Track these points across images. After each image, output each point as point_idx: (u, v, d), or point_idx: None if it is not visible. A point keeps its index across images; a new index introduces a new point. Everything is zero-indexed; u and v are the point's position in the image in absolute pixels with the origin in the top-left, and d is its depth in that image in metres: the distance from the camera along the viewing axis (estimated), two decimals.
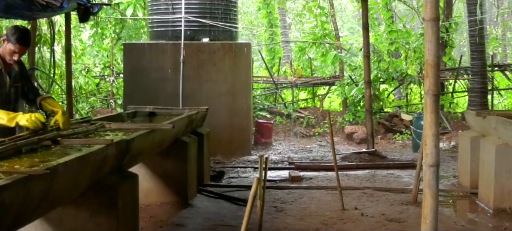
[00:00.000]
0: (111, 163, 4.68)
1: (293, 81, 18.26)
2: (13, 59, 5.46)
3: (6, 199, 2.98)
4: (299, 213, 7.11)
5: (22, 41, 5.42)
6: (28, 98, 5.85)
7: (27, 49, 5.70)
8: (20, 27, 5.55)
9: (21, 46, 5.44)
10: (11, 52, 5.41)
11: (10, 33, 5.40)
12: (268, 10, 22.43)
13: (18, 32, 5.40)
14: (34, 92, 5.91)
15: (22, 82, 5.75)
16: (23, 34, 5.45)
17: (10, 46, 5.39)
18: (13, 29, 5.46)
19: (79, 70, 17.77)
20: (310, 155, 12.52)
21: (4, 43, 5.42)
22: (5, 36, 5.44)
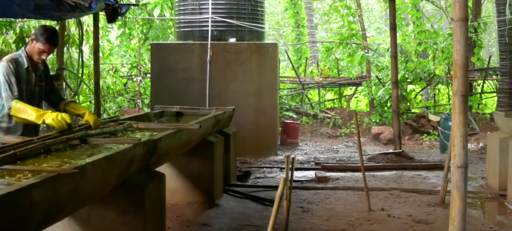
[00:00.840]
0: (138, 162, 4.70)
1: (320, 81, 18.21)
2: (41, 58, 5.55)
3: (36, 197, 3.01)
4: (325, 214, 7.08)
5: (51, 41, 5.50)
6: (50, 100, 5.91)
7: (55, 49, 5.81)
8: (48, 27, 5.64)
9: (50, 45, 5.52)
10: (40, 51, 5.49)
11: (39, 33, 5.48)
12: (295, 10, 22.39)
13: (47, 32, 5.49)
14: (57, 95, 5.99)
15: (45, 82, 5.83)
16: (52, 34, 5.53)
17: (39, 45, 5.46)
18: (42, 29, 5.54)
19: (107, 70, 17.91)
20: (336, 155, 12.49)
21: (32, 42, 5.51)
22: (33, 35, 5.52)
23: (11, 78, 5.39)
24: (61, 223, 4.33)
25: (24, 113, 5.18)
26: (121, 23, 18.33)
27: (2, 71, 5.39)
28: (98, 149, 4.53)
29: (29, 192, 2.95)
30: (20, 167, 3.59)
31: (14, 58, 5.52)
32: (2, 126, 5.50)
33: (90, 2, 7.76)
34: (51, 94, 5.90)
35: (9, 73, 5.39)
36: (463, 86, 3.87)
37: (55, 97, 5.93)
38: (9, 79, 5.38)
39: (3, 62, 5.46)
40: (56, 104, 5.83)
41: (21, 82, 5.49)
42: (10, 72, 5.39)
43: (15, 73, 5.42)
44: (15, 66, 5.45)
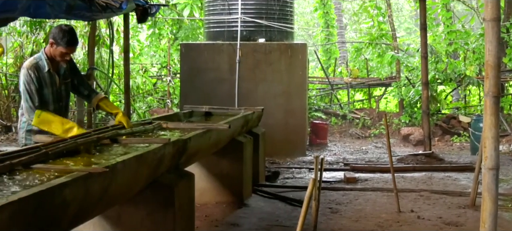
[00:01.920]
0: (168, 162, 4.73)
1: (349, 82, 18.14)
2: (65, 59, 5.51)
3: (67, 196, 3.04)
4: (354, 215, 7.06)
5: (72, 42, 5.43)
6: (81, 93, 5.90)
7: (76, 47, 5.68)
8: (66, 29, 5.45)
9: (72, 47, 5.47)
10: (63, 54, 5.41)
11: (58, 38, 5.36)
12: (325, 11, 22.32)
13: (67, 35, 5.37)
14: (87, 87, 5.95)
15: (71, 77, 5.78)
16: (72, 35, 5.43)
17: (60, 49, 5.37)
18: (60, 32, 5.40)
19: (137, 70, 18.03)
20: (365, 156, 12.43)
21: (52, 46, 5.42)
22: (52, 39, 5.41)
23: (31, 87, 5.32)
24: (91, 222, 4.37)
25: (47, 126, 5.16)
26: (151, 24, 18.44)
27: (23, 80, 5.34)
28: (128, 149, 4.56)
29: (61, 191, 2.98)
30: (52, 166, 3.63)
31: (34, 64, 5.42)
32: (33, 128, 5.44)
33: (121, 3, 7.82)
34: (81, 88, 5.87)
35: (30, 82, 5.32)
36: (495, 87, 3.83)
37: (86, 90, 5.89)
38: (29, 88, 5.32)
39: (23, 70, 5.40)
40: (88, 98, 5.84)
41: (44, 86, 5.43)
42: (31, 81, 5.32)
43: (36, 80, 5.35)
44: (35, 73, 5.37)
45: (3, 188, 3.13)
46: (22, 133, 5.55)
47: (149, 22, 18.08)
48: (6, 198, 2.58)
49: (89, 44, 11.11)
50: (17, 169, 3.50)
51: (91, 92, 5.91)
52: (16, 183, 3.26)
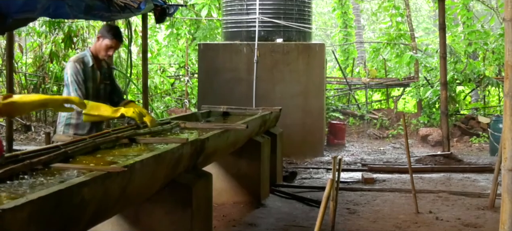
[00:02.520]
0: (186, 161, 4.74)
1: (367, 82, 18.09)
2: (108, 54, 5.85)
3: (86, 195, 3.05)
4: (372, 216, 7.04)
5: (118, 37, 5.84)
6: (112, 100, 6.07)
7: (121, 45, 6.13)
8: (113, 25, 6.09)
9: (117, 41, 5.85)
10: (107, 47, 5.78)
11: (105, 31, 5.83)
12: (343, 11, 22.27)
13: (113, 29, 5.89)
14: (118, 95, 6.21)
15: (109, 82, 6.10)
16: (118, 30, 5.93)
17: (106, 42, 5.76)
18: (107, 26, 6.00)
19: (155, 70, 18.09)
20: (383, 157, 12.39)
21: (98, 40, 5.81)
22: (99, 34, 5.85)
23: (79, 78, 5.66)
24: (110, 221, 4.39)
25: (97, 110, 5.34)
26: (169, 24, 18.50)
27: (70, 72, 5.65)
28: (146, 148, 4.58)
29: (80, 190, 3.00)
30: (71, 165, 3.65)
31: (80, 58, 5.79)
32: (71, 122, 5.76)
33: (139, 3, 7.85)
34: (113, 94, 6.11)
35: (77, 73, 5.66)
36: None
37: (117, 97, 6.14)
38: (77, 79, 5.65)
39: (70, 63, 5.74)
40: (117, 104, 5.97)
41: (87, 80, 5.75)
42: (78, 72, 5.66)
43: (82, 73, 5.69)
44: (82, 65, 5.72)
45: (23, 186, 3.15)
46: (61, 127, 5.83)
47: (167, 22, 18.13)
48: (25, 197, 2.60)
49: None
50: (37, 168, 3.52)
51: (120, 99, 6.14)
52: (35, 182, 3.28)
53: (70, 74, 5.66)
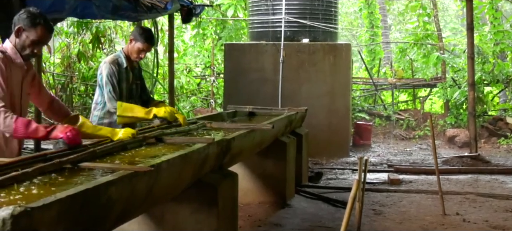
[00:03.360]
0: (212, 161, 4.76)
1: (393, 82, 17.98)
2: (140, 57, 5.95)
3: (113, 194, 3.08)
4: (398, 217, 7.00)
5: (150, 40, 5.93)
6: (142, 99, 6.20)
7: (152, 48, 6.29)
8: (146, 28, 6.13)
9: (149, 44, 5.93)
10: (139, 50, 5.88)
11: (138, 33, 5.89)
12: (370, 11, 22.17)
13: (146, 32, 5.94)
14: (147, 94, 6.34)
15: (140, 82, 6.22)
16: (150, 33, 6.00)
17: (138, 45, 5.85)
18: (140, 29, 6.01)
19: (181, 70, 18.16)
20: (409, 158, 12.32)
21: (131, 42, 5.90)
22: (132, 36, 5.92)
23: (113, 79, 5.77)
24: (136, 220, 4.42)
25: (131, 112, 5.51)
26: (195, 24, 18.57)
27: (105, 73, 5.77)
28: (173, 148, 4.60)
29: (107, 189, 3.02)
30: (99, 164, 3.68)
31: (115, 59, 5.89)
32: (104, 121, 5.87)
33: (166, 3, 7.90)
34: (142, 94, 6.23)
35: (112, 75, 5.77)
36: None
37: (146, 96, 6.27)
38: (112, 80, 5.76)
39: (105, 64, 5.84)
40: (146, 103, 6.11)
41: (121, 81, 5.87)
42: (113, 73, 5.78)
43: (117, 74, 5.81)
44: (116, 67, 5.83)
45: (51, 185, 3.19)
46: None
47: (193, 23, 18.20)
48: (54, 196, 2.63)
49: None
50: (65, 167, 3.56)
51: (150, 99, 6.31)
52: (64, 181, 3.31)
53: (105, 75, 5.77)
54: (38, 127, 3.98)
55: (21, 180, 3.16)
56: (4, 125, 3.98)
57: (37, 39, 4.24)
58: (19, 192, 2.97)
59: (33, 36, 4.21)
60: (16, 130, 3.97)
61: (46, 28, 4.26)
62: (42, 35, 4.25)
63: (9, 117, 3.97)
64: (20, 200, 2.83)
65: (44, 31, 4.25)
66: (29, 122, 4.01)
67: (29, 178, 3.23)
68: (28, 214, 2.37)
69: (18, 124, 3.96)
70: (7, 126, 3.97)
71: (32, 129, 3.97)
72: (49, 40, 4.48)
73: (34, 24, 4.20)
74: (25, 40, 4.23)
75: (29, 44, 4.24)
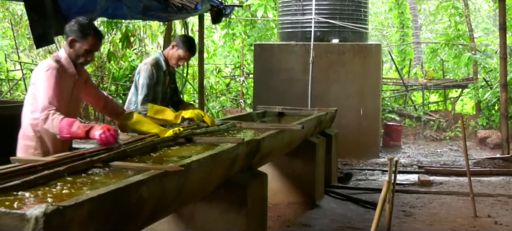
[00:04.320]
0: (241, 161, 4.76)
1: (424, 83, 17.84)
2: (179, 64, 6.04)
3: (144, 193, 3.10)
4: (429, 219, 6.94)
5: (192, 50, 6.02)
6: (173, 101, 6.25)
7: (192, 57, 6.28)
8: (189, 37, 6.18)
9: (190, 54, 6.00)
10: (179, 58, 5.95)
11: (181, 41, 5.94)
12: (400, 11, 22.03)
13: (188, 42, 5.97)
14: (178, 96, 6.39)
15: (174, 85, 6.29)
16: (193, 43, 6.05)
17: (180, 52, 5.91)
18: (184, 37, 6.08)
19: (211, 70, 18.22)
20: (440, 159, 12.22)
21: (173, 48, 5.95)
22: (175, 42, 5.97)
23: (151, 82, 5.82)
24: (166, 220, 4.45)
25: (161, 114, 5.55)
26: (225, 24, 18.62)
27: (145, 75, 5.83)
28: (203, 148, 4.62)
29: (138, 189, 3.04)
30: (129, 164, 3.71)
31: (155, 62, 5.94)
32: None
33: (196, 4, 7.93)
34: (174, 96, 6.28)
35: (150, 77, 5.83)
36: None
37: (177, 98, 6.32)
38: (149, 82, 5.81)
39: (146, 65, 5.90)
40: (177, 105, 6.19)
41: (158, 84, 5.92)
42: (151, 76, 5.83)
43: (155, 77, 5.85)
44: (156, 70, 5.89)
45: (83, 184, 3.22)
46: None
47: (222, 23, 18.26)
48: (85, 195, 2.65)
49: (165, 45, 11.29)
50: (96, 166, 3.59)
51: (180, 101, 6.36)
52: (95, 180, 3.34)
53: (144, 77, 5.83)
54: (80, 126, 4.19)
55: (53, 178, 3.20)
56: (52, 126, 4.23)
57: (90, 48, 4.54)
58: (51, 191, 3.01)
59: (86, 46, 4.51)
60: (61, 129, 4.21)
61: (97, 37, 4.56)
62: (94, 44, 4.56)
63: (56, 118, 4.21)
64: (52, 198, 2.87)
65: (95, 40, 4.55)
66: (73, 122, 4.21)
67: (61, 177, 3.27)
68: (60, 213, 2.40)
69: (63, 123, 4.20)
70: (54, 126, 4.21)
71: (75, 128, 4.19)
72: (100, 47, 4.82)
73: (85, 35, 4.50)
74: (79, 50, 4.53)
75: (82, 53, 4.55)
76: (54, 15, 5.85)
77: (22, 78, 17.73)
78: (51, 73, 4.38)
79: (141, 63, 6.08)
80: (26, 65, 18.95)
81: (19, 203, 2.73)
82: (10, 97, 16.61)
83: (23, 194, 2.88)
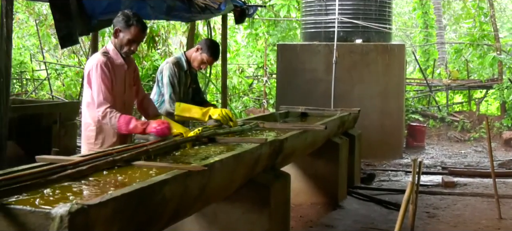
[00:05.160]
0: (264, 161, 4.76)
1: (448, 84, 17.71)
2: (201, 67, 6.11)
3: (167, 193, 3.11)
4: (452, 220, 6.90)
5: (216, 55, 6.08)
6: (195, 101, 6.27)
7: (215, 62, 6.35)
8: (214, 42, 6.17)
9: (214, 59, 6.08)
10: (202, 61, 6.02)
11: (205, 45, 6.00)
12: (424, 11, 21.88)
13: (213, 47, 6.02)
14: (201, 97, 6.43)
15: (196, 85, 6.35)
16: (217, 49, 6.09)
17: (204, 56, 5.97)
18: (208, 42, 6.13)
19: (234, 71, 18.24)
20: (464, 160, 12.12)
21: (197, 51, 6.00)
22: (199, 45, 6.02)
23: (175, 80, 5.89)
24: (189, 219, 4.46)
25: (188, 112, 5.66)
26: (247, 24, 18.63)
27: (168, 73, 5.89)
28: (226, 148, 4.62)
29: (161, 188, 3.05)
30: (152, 163, 3.72)
31: (176, 61, 6.02)
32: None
33: (220, 4, 7.94)
34: (196, 96, 6.32)
35: (173, 76, 5.89)
36: None
37: (199, 98, 6.35)
38: (173, 81, 5.88)
39: (168, 64, 5.96)
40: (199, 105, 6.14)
41: (180, 84, 5.98)
42: (174, 75, 5.89)
43: (177, 76, 5.91)
44: (178, 69, 5.95)
45: (106, 183, 3.24)
46: None
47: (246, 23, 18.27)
48: (109, 194, 2.67)
49: (188, 44, 11.31)
50: (119, 165, 3.62)
51: (203, 101, 6.37)
52: (118, 179, 3.36)
53: (167, 75, 5.88)
54: (137, 124, 4.54)
55: (76, 178, 3.23)
56: (111, 124, 4.63)
57: (132, 38, 4.78)
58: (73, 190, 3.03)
59: (128, 35, 4.76)
60: (120, 127, 4.60)
61: (139, 28, 4.79)
62: (136, 34, 4.79)
63: (113, 116, 4.58)
64: (76, 197, 2.89)
65: (137, 30, 4.78)
66: (130, 119, 4.57)
67: (84, 176, 3.29)
68: (85, 212, 2.42)
69: (121, 122, 4.58)
70: (112, 124, 4.62)
71: (132, 126, 4.58)
72: (143, 39, 5.11)
73: (128, 24, 4.75)
74: (122, 40, 4.80)
75: (126, 43, 4.80)
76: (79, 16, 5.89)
77: (47, 78, 17.90)
78: (100, 69, 4.68)
79: (163, 62, 6.14)
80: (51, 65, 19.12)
81: (44, 202, 2.75)
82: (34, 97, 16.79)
83: (48, 193, 2.91)
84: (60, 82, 18.78)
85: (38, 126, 9.20)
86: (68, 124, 9.60)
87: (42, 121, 9.28)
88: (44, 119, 9.30)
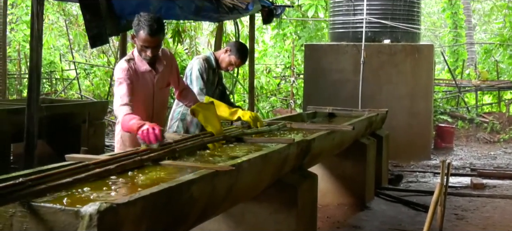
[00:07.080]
0: (292, 162, 4.76)
1: (477, 84, 17.54)
2: (228, 69, 6.14)
3: (195, 193, 3.12)
4: (481, 222, 6.83)
5: (244, 58, 6.14)
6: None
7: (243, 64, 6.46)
8: (244, 45, 6.25)
9: (242, 62, 6.12)
10: (230, 63, 6.06)
11: (234, 48, 6.05)
12: (453, 11, 21.71)
13: (242, 50, 6.07)
14: (227, 100, 6.46)
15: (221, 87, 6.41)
16: (245, 52, 6.15)
17: (232, 58, 6.01)
18: (238, 44, 6.19)
19: (261, 71, 18.24)
20: (494, 162, 11.99)
21: (226, 52, 6.05)
22: (229, 47, 6.07)
23: (204, 75, 5.90)
24: (216, 219, 4.48)
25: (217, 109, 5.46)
26: (275, 24, 18.62)
27: (197, 68, 5.91)
28: (253, 148, 4.63)
29: (189, 188, 3.06)
30: (180, 163, 3.74)
31: (206, 58, 6.06)
32: (187, 118, 6.04)
33: (247, 4, 7.95)
34: (222, 98, 6.27)
35: (203, 71, 5.90)
36: None
37: (224, 101, 6.25)
38: (202, 75, 5.89)
39: (198, 59, 6.00)
40: None
41: (208, 81, 5.99)
42: (204, 70, 5.92)
43: (206, 72, 5.94)
44: (207, 65, 5.98)
45: (134, 183, 3.27)
46: (174, 122, 6.11)
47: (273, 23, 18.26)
48: (138, 193, 2.69)
49: (216, 44, 11.35)
50: (147, 165, 3.64)
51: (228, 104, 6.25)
52: (146, 178, 3.38)
53: (196, 70, 5.89)
54: (134, 123, 4.09)
55: (104, 176, 3.25)
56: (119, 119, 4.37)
57: (143, 44, 4.47)
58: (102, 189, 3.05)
59: (140, 41, 4.46)
60: (123, 124, 4.29)
61: (148, 33, 4.41)
62: (145, 40, 4.45)
63: (123, 112, 4.27)
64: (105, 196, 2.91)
65: (146, 36, 4.43)
66: (133, 117, 4.18)
67: (112, 175, 3.32)
68: (114, 211, 2.43)
69: (125, 119, 4.23)
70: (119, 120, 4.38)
71: (130, 124, 4.13)
72: (156, 43, 4.56)
73: (137, 29, 4.44)
74: (138, 46, 4.53)
75: (140, 49, 4.53)
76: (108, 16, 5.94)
77: (76, 78, 18.07)
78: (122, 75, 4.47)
79: (193, 58, 6.18)
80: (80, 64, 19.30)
81: (73, 201, 2.78)
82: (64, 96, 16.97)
83: (77, 192, 2.94)
84: (89, 81, 18.97)
85: (67, 125, 9.30)
86: (96, 123, 9.70)
87: (71, 120, 9.39)
88: (73, 118, 9.41)
